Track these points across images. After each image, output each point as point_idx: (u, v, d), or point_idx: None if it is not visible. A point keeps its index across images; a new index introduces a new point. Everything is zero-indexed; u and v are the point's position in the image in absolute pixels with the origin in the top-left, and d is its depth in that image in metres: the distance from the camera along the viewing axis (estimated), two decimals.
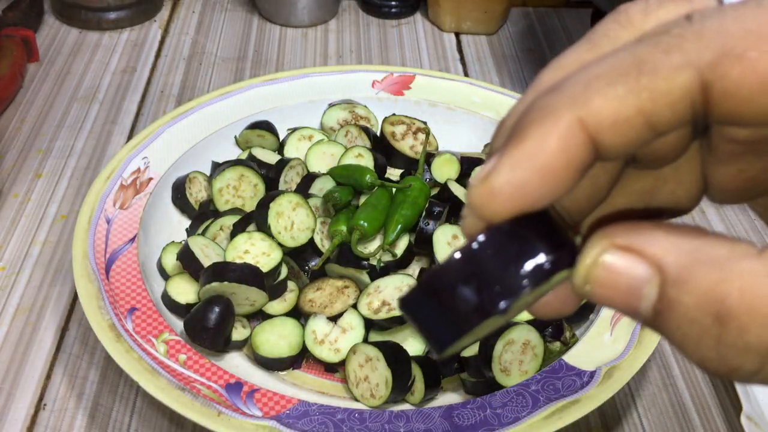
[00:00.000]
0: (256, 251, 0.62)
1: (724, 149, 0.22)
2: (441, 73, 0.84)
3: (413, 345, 0.60)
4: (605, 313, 0.60)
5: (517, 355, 0.57)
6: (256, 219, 0.65)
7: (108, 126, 0.87)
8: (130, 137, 0.85)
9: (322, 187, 0.70)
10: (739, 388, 0.59)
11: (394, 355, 0.57)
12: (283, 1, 1.04)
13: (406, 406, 0.58)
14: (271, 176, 0.71)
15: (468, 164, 0.73)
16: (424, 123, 0.77)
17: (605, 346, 0.57)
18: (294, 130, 0.77)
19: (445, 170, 0.73)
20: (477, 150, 0.79)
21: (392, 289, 0.61)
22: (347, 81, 0.82)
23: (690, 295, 0.20)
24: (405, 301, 0.22)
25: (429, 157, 0.75)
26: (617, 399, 0.62)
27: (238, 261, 0.61)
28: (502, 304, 0.21)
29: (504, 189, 0.21)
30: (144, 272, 0.62)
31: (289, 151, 0.75)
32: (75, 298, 0.67)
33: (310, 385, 0.60)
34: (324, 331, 0.61)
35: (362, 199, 0.68)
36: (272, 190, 0.69)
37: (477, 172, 0.25)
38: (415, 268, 0.66)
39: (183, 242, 0.64)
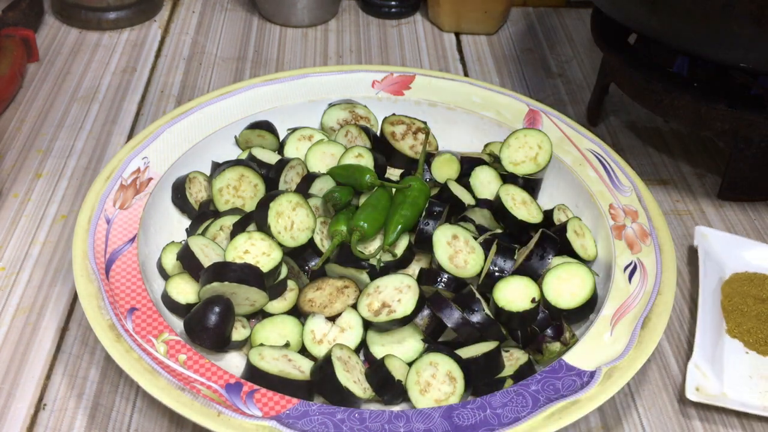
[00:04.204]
0: (256, 251, 0.62)
1: None
2: (441, 73, 0.84)
3: (412, 345, 0.60)
4: (605, 313, 0.60)
5: (432, 378, 0.57)
6: (256, 219, 0.65)
7: (108, 126, 0.87)
8: (130, 137, 0.85)
9: (322, 187, 0.70)
10: (698, 338, 0.63)
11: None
12: (283, 1, 1.04)
13: (406, 406, 0.58)
14: (271, 176, 0.71)
15: (468, 164, 0.73)
16: (424, 123, 0.77)
17: (605, 346, 0.57)
18: (294, 130, 0.77)
19: (445, 170, 0.73)
20: (477, 150, 0.79)
21: (392, 289, 0.61)
22: (347, 81, 0.82)
23: None
24: None
25: (429, 157, 0.75)
26: (617, 399, 0.62)
27: (238, 261, 0.61)
28: None
29: None
30: (144, 272, 0.62)
31: (289, 151, 0.75)
32: (75, 298, 0.67)
33: None
34: (323, 331, 0.61)
35: (362, 199, 0.68)
36: (272, 190, 0.69)
37: None
38: (414, 268, 0.66)
39: (183, 242, 0.64)
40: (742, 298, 0.68)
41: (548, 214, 0.70)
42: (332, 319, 0.62)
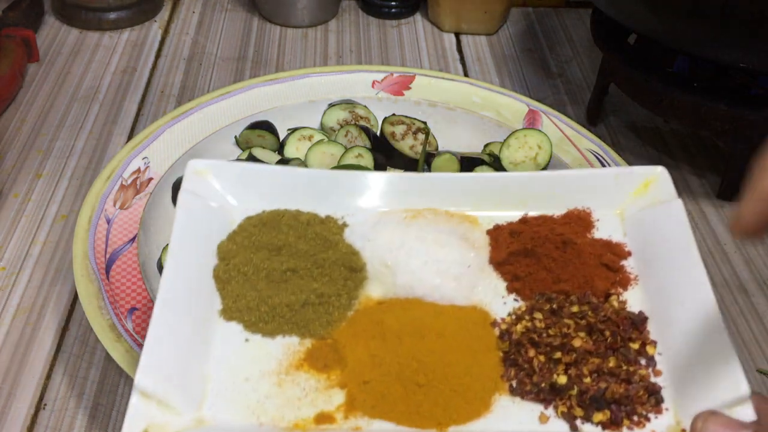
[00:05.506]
0: None
1: None
2: (441, 73, 0.84)
3: None
4: None
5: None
6: None
7: (108, 126, 0.87)
8: (130, 137, 0.85)
9: None
10: (150, 342, 0.45)
11: None
12: (283, 1, 1.04)
13: None
14: None
15: (468, 164, 0.73)
16: (424, 123, 0.77)
17: None
18: (294, 130, 0.77)
19: (445, 170, 0.73)
20: (477, 150, 0.79)
21: None
22: (347, 81, 0.82)
23: None
24: None
25: (429, 157, 0.75)
26: None
27: None
28: None
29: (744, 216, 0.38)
30: (144, 272, 0.62)
31: (289, 151, 0.75)
32: (75, 298, 0.67)
33: None
34: None
35: None
36: None
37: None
38: None
39: None
40: (254, 253, 0.49)
41: None
42: None
